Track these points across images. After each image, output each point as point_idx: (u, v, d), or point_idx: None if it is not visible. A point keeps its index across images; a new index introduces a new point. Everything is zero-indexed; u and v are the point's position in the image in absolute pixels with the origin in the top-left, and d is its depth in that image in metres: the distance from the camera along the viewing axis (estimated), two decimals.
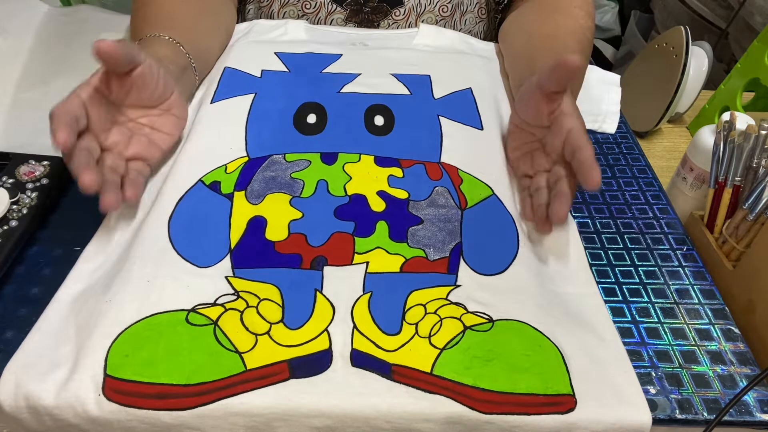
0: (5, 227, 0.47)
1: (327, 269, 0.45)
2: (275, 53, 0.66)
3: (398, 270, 0.45)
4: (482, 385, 0.38)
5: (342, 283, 0.44)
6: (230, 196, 0.49)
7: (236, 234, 0.47)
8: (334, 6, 0.73)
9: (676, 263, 0.51)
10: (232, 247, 0.46)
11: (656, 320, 0.46)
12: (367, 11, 0.74)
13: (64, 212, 0.52)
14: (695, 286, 0.49)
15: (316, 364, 0.39)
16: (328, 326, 0.41)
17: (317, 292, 0.43)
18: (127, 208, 0.50)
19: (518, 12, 0.72)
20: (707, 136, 0.58)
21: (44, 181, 0.51)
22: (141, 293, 0.42)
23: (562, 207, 0.46)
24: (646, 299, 0.47)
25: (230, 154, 0.53)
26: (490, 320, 0.42)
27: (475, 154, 0.56)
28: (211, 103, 0.58)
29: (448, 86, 0.58)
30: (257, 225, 0.47)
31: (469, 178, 0.53)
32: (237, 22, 0.72)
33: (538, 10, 0.69)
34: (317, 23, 0.74)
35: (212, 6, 0.67)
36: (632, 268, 0.50)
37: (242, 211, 0.48)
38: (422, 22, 0.74)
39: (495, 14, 0.78)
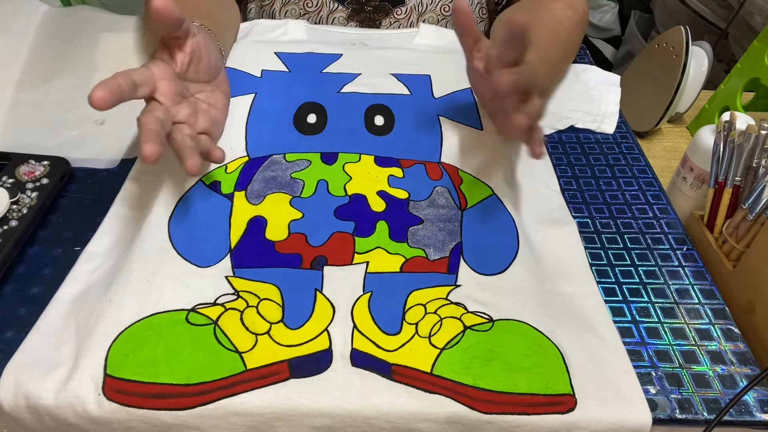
0: (5, 227, 0.47)
1: (327, 269, 0.45)
2: (275, 53, 0.66)
3: (398, 270, 0.45)
4: (482, 385, 0.38)
5: (342, 283, 0.44)
6: (230, 196, 0.49)
7: (236, 234, 0.47)
8: (336, 5, 0.73)
9: (676, 263, 0.51)
10: (232, 246, 0.46)
11: (656, 320, 0.46)
12: (369, 10, 0.74)
13: (64, 212, 0.52)
14: (695, 286, 0.49)
15: (316, 363, 0.39)
16: (328, 326, 0.41)
17: (317, 292, 0.43)
18: (127, 208, 0.50)
19: (506, 10, 0.72)
20: (707, 136, 0.58)
21: (44, 181, 0.51)
22: (141, 293, 0.42)
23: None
24: (646, 299, 0.47)
25: (230, 154, 0.53)
26: (490, 320, 0.42)
27: (475, 154, 0.56)
28: None
29: (449, 86, 0.58)
30: (257, 225, 0.47)
31: (469, 178, 0.53)
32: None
33: (520, 7, 0.70)
34: (318, 22, 0.74)
35: (226, 1, 0.68)
36: (632, 268, 0.50)
37: (242, 211, 0.48)
38: (423, 21, 0.74)
39: (494, 15, 0.78)
